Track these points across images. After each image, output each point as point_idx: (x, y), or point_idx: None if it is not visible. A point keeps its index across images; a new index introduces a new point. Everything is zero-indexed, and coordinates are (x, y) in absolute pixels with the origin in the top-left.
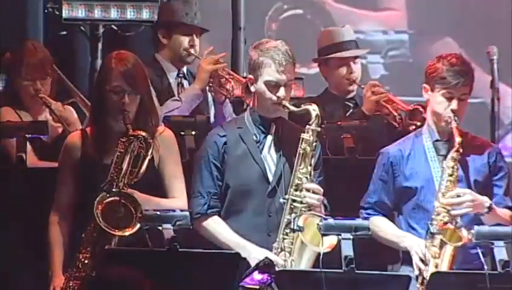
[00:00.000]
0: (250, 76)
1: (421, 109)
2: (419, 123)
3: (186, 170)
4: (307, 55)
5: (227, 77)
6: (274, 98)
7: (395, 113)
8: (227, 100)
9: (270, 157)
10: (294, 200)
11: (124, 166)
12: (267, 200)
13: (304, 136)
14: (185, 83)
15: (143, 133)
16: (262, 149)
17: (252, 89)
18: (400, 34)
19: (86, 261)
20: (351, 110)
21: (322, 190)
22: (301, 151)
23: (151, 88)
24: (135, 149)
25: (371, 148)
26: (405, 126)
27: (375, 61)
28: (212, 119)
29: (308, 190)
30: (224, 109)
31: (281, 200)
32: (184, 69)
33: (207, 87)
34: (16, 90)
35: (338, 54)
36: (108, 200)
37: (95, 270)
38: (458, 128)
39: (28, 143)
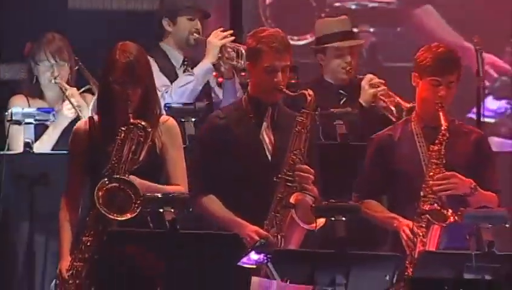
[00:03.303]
0: (248, 62)
1: None
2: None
3: (185, 155)
4: (300, 26)
5: (236, 48)
6: (271, 82)
7: (392, 108)
8: (235, 77)
9: (267, 138)
10: (287, 180)
11: (125, 153)
12: (265, 179)
13: (299, 118)
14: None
15: (143, 122)
16: (260, 131)
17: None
18: (388, 4)
19: (89, 244)
20: (344, 99)
21: (313, 171)
22: (296, 134)
23: (154, 77)
24: (135, 137)
25: (363, 134)
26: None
27: (365, 29)
28: (220, 96)
29: (300, 170)
30: (234, 84)
31: (275, 179)
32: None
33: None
34: (35, 78)
35: (335, 44)
36: (108, 186)
37: (99, 250)
38: (445, 114)
39: None
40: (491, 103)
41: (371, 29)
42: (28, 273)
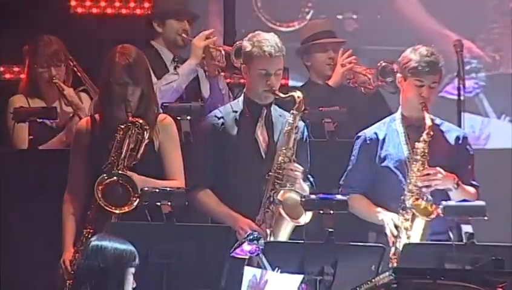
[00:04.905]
0: (244, 65)
1: (391, 66)
2: (390, 79)
3: (182, 151)
4: (289, 14)
5: (217, 48)
6: (265, 85)
7: (369, 76)
8: (221, 75)
9: (261, 137)
10: (276, 177)
11: (124, 150)
12: (259, 175)
13: (289, 119)
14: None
15: (140, 120)
16: (255, 130)
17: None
18: None
19: (89, 236)
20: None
21: (301, 169)
22: (285, 133)
23: (152, 78)
24: (133, 135)
25: (350, 131)
26: (376, 86)
27: (348, 16)
28: (208, 93)
29: (288, 168)
30: (219, 82)
31: (266, 176)
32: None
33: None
34: (33, 78)
35: (315, 41)
36: (107, 181)
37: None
38: (428, 113)
39: None
40: None
41: (354, 16)
42: (32, 265)
